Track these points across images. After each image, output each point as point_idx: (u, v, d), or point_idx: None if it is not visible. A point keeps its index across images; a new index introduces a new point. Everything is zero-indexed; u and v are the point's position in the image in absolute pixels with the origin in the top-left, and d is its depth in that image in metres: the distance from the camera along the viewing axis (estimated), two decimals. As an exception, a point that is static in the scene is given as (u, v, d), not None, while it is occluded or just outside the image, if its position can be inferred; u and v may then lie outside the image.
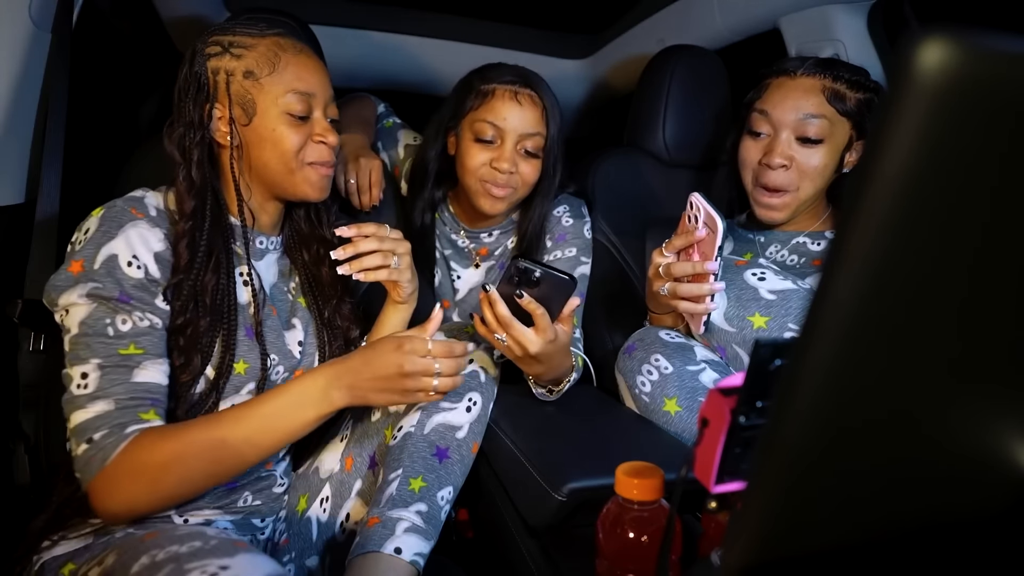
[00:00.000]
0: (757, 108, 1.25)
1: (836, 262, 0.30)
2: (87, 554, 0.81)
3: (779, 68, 1.26)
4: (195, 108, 0.93)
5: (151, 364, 0.83)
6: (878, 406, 0.34)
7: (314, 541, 1.02)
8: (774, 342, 0.58)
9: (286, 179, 0.96)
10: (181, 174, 0.92)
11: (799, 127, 1.19)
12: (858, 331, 0.31)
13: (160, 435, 0.80)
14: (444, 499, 0.96)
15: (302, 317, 1.04)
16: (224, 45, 0.94)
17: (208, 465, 0.82)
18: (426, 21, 2.00)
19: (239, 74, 0.93)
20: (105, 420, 0.79)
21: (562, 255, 1.33)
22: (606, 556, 0.76)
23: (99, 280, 0.82)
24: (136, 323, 0.83)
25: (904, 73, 0.27)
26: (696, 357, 1.08)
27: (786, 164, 1.20)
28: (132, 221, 0.86)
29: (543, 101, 1.26)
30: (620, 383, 1.16)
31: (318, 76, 0.97)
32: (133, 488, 0.78)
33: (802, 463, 0.34)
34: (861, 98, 1.20)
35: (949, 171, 0.28)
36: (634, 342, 1.14)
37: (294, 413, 0.85)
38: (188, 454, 0.80)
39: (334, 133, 0.98)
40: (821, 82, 1.20)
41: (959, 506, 0.38)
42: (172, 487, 0.81)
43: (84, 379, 0.80)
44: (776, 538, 0.36)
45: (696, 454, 0.72)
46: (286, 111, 0.93)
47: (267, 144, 0.94)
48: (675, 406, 1.06)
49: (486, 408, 1.03)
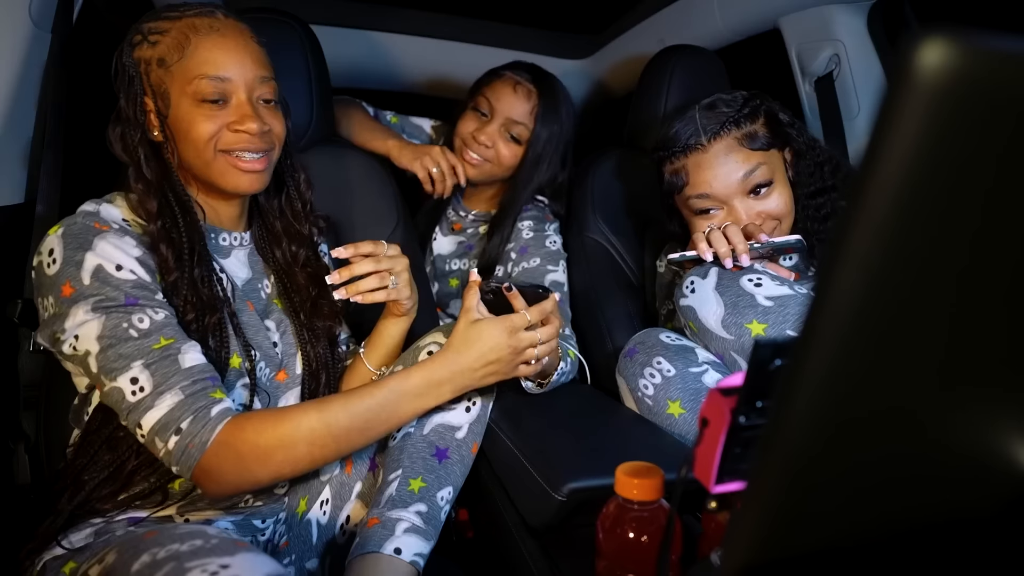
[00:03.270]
0: (692, 195, 1.16)
1: (835, 262, 0.30)
2: (88, 552, 0.81)
3: (679, 147, 1.17)
4: (128, 103, 0.89)
5: (189, 348, 0.82)
6: (877, 406, 0.34)
7: (314, 543, 1.02)
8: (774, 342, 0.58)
9: (205, 171, 0.91)
10: (133, 175, 0.89)
11: (745, 186, 1.14)
12: (857, 331, 0.31)
13: (265, 418, 0.81)
14: (444, 499, 0.96)
15: (276, 319, 1.01)
16: (144, 33, 0.89)
17: (313, 449, 0.82)
18: (426, 21, 2.00)
19: (154, 63, 0.88)
20: (184, 409, 0.78)
21: (528, 265, 1.38)
22: (606, 556, 0.76)
23: (97, 292, 0.80)
24: (152, 318, 0.81)
25: (904, 73, 0.27)
26: (698, 359, 1.08)
27: (759, 223, 1.14)
28: (99, 234, 0.82)
29: (541, 100, 1.39)
30: (621, 386, 1.15)
31: (235, 56, 0.89)
32: (238, 470, 0.79)
33: (802, 463, 0.34)
34: (765, 121, 1.16)
35: (948, 171, 0.28)
36: (635, 345, 1.13)
37: (407, 405, 0.87)
38: (296, 439, 0.80)
39: (254, 118, 0.90)
40: (730, 138, 1.14)
41: (959, 505, 0.38)
42: (276, 468, 0.81)
43: (135, 384, 0.78)
44: (776, 538, 0.36)
45: (696, 454, 0.72)
46: (197, 98, 0.88)
47: (182, 135, 0.89)
48: (679, 409, 1.05)
49: (485, 408, 1.03)
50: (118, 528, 0.85)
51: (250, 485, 0.82)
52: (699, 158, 1.16)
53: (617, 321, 1.37)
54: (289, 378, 0.99)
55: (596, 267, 1.43)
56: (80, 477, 0.86)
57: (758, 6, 1.59)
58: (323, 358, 1.03)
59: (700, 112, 1.18)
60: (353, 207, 1.35)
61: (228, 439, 0.78)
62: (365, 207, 1.36)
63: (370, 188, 1.38)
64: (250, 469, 0.80)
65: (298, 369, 1.01)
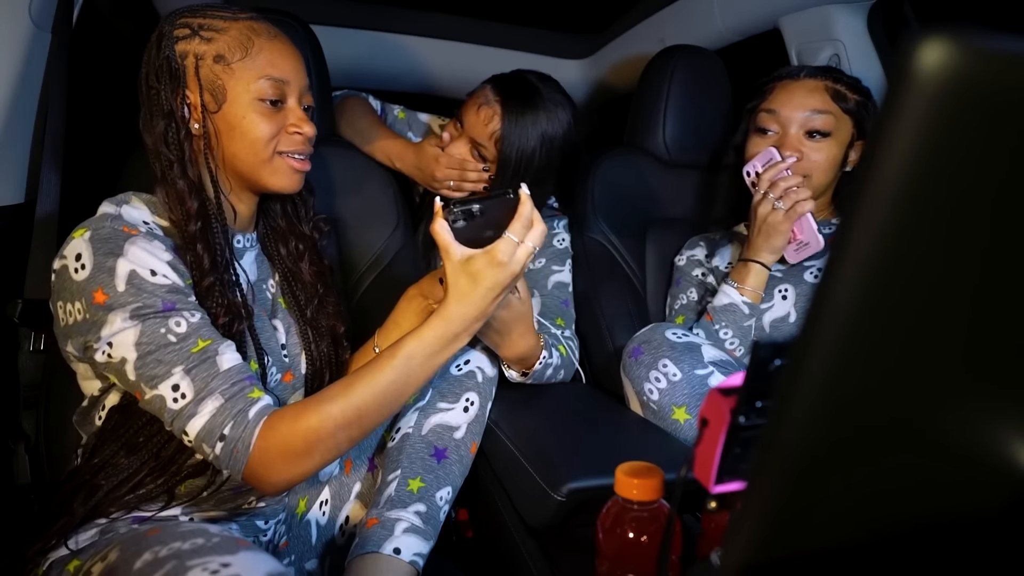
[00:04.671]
0: (764, 108, 1.29)
1: (836, 263, 0.30)
2: (91, 550, 0.81)
3: (782, 73, 1.32)
4: (171, 96, 0.87)
5: (225, 349, 0.81)
6: (877, 406, 0.34)
7: (313, 544, 1.02)
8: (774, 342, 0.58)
9: (257, 170, 0.92)
10: (176, 172, 0.87)
11: (807, 122, 1.24)
12: (857, 332, 0.31)
13: (297, 413, 0.80)
14: (443, 499, 0.96)
15: (283, 319, 1.01)
16: (194, 27, 0.89)
17: (351, 431, 0.81)
18: (426, 21, 2.00)
19: (209, 58, 0.88)
20: (225, 414, 0.78)
21: (534, 267, 1.36)
22: (606, 556, 0.76)
23: (135, 299, 0.78)
24: (189, 321, 0.80)
25: (904, 73, 0.27)
26: (704, 359, 1.07)
27: (797, 156, 1.24)
28: (128, 238, 0.80)
29: (504, 124, 1.28)
30: (627, 387, 1.15)
31: (293, 63, 0.92)
32: (286, 466, 0.79)
33: (802, 463, 0.34)
34: (859, 99, 1.26)
35: (949, 171, 0.28)
36: (639, 344, 1.12)
37: (427, 364, 0.84)
38: (329, 428, 0.80)
39: (309, 123, 0.94)
40: (823, 83, 1.27)
41: (959, 506, 0.38)
42: (320, 457, 0.81)
43: (177, 391, 0.78)
44: (775, 538, 0.36)
45: (696, 454, 0.72)
46: (258, 97, 0.88)
47: (236, 133, 0.89)
48: (684, 415, 1.05)
49: (484, 408, 1.03)
50: (122, 526, 0.85)
51: (300, 477, 0.82)
52: (789, 83, 1.29)
53: (618, 321, 1.37)
54: (295, 379, 0.99)
55: (597, 267, 1.43)
56: (95, 480, 0.86)
57: (758, 6, 1.59)
58: (327, 357, 1.03)
59: (813, 66, 1.34)
60: (353, 207, 1.35)
61: (267, 443, 0.78)
62: (365, 207, 1.36)
63: (370, 188, 1.38)
64: (296, 463, 0.80)
65: (303, 369, 1.01)
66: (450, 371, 1.04)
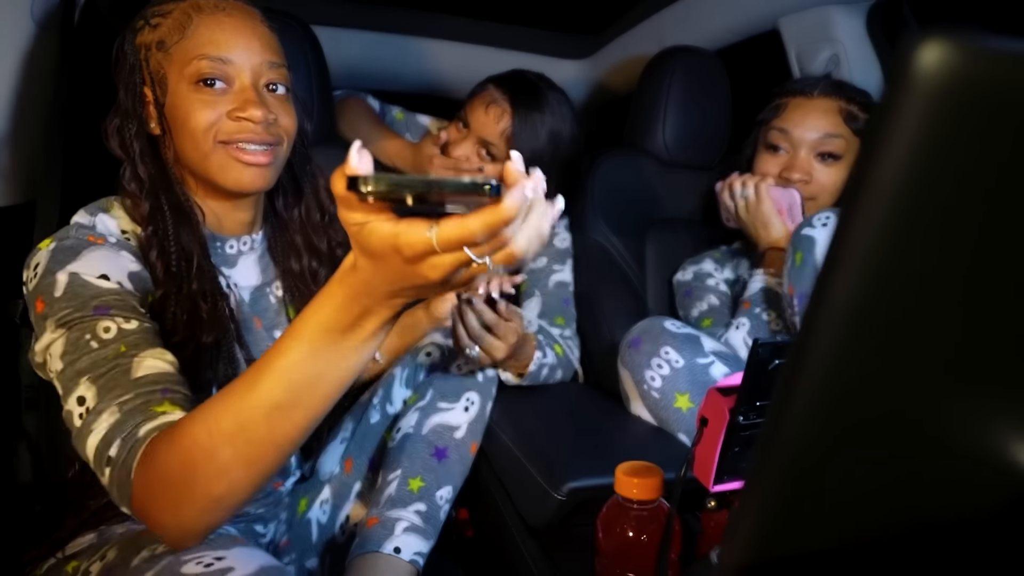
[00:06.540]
0: (776, 126, 1.29)
1: (833, 263, 0.30)
2: (90, 550, 0.81)
3: (795, 88, 1.31)
4: (127, 93, 0.81)
5: (149, 356, 0.67)
6: (877, 405, 0.34)
7: (314, 543, 1.02)
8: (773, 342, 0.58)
9: (203, 165, 0.80)
10: (127, 173, 0.80)
11: (819, 144, 1.25)
12: (856, 332, 0.31)
13: (171, 432, 0.61)
14: (443, 499, 0.96)
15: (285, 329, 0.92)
16: (147, 17, 0.81)
17: (243, 449, 0.58)
18: (426, 21, 2.00)
19: (154, 47, 0.79)
20: (116, 432, 0.63)
21: (534, 266, 1.36)
22: (606, 555, 0.76)
23: (67, 304, 0.69)
24: (121, 326, 0.68)
25: (903, 74, 0.27)
26: (704, 349, 1.07)
27: (806, 179, 1.25)
28: (90, 247, 0.73)
29: (515, 122, 1.29)
30: (625, 378, 1.14)
31: (239, 36, 0.79)
32: (167, 498, 0.60)
33: (801, 462, 0.34)
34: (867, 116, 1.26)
35: (947, 173, 0.28)
36: (639, 334, 1.12)
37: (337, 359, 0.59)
38: (211, 444, 0.58)
39: (259, 104, 0.79)
40: (837, 103, 1.26)
41: (959, 506, 0.38)
42: (210, 488, 0.59)
43: (82, 404, 0.65)
44: (775, 537, 0.37)
45: (695, 453, 0.72)
46: (194, 80, 0.78)
47: (179, 124, 0.79)
48: (687, 402, 1.04)
49: (484, 408, 1.03)
50: (119, 525, 0.85)
51: (193, 519, 0.61)
52: (802, 101, 1.29)
53: (618, 321, 1.37)
54: None
55: (597, 267, 1.43)
56: (84, 501, 0.83)
57: (758, 6, 1.60)
58: None
59: (827, 79, 1.34)
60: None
61: (147, 468, 0.61)
62: (365, 207, 1.36)
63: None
64: (178, 497, 0.60)
65: None
66: (451, 371, 1.04)
